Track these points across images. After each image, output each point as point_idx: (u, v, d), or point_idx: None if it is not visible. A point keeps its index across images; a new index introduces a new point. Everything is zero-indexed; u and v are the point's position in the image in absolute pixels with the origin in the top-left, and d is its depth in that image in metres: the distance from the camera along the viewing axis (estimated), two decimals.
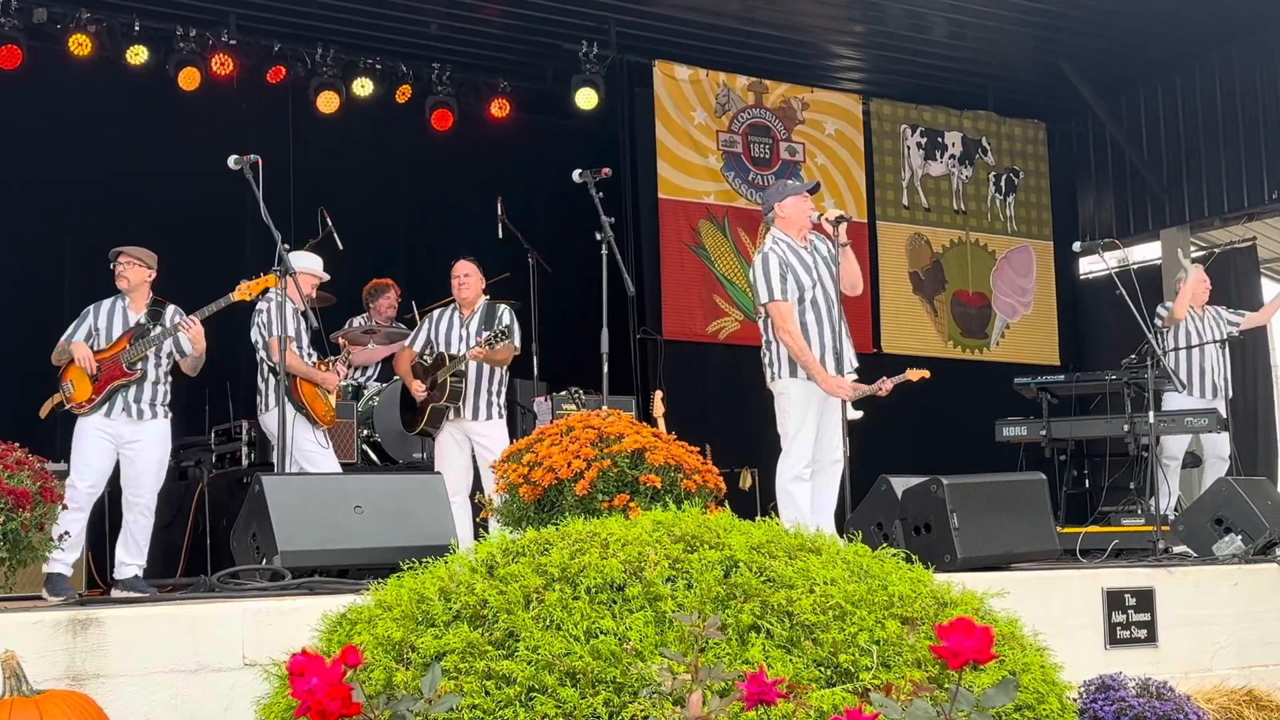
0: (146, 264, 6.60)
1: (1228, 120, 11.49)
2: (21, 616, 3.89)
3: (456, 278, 7.47)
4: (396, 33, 10.10)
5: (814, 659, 2.94)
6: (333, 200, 9.05)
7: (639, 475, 4.94)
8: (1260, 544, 6.44)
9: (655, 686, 2.65)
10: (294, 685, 2.48)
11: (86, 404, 6.37)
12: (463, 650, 2.91)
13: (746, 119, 11.14)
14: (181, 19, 9.51)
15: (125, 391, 6.43)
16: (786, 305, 6.15)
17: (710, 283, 10.82)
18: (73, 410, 6.41)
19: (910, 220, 11.88)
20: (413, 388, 7.35)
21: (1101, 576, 5.66)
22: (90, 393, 6.39)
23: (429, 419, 7.31)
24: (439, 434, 7.40)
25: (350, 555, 5.18)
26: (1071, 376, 9.12)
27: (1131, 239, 12.10)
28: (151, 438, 6.48)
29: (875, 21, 10.72)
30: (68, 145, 9.42)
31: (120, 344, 6.46)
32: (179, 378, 6.73)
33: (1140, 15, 10.46)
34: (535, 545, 3.26)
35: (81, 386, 6.41)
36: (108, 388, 6.40)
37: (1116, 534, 7.56)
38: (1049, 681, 3.21)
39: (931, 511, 5.67)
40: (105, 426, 6.38)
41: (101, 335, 6.49)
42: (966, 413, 10.51)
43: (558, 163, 8.38)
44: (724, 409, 10.05)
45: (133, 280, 6.55)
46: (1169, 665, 5.40)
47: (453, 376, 7.24)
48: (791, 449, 6.20)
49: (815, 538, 3.40)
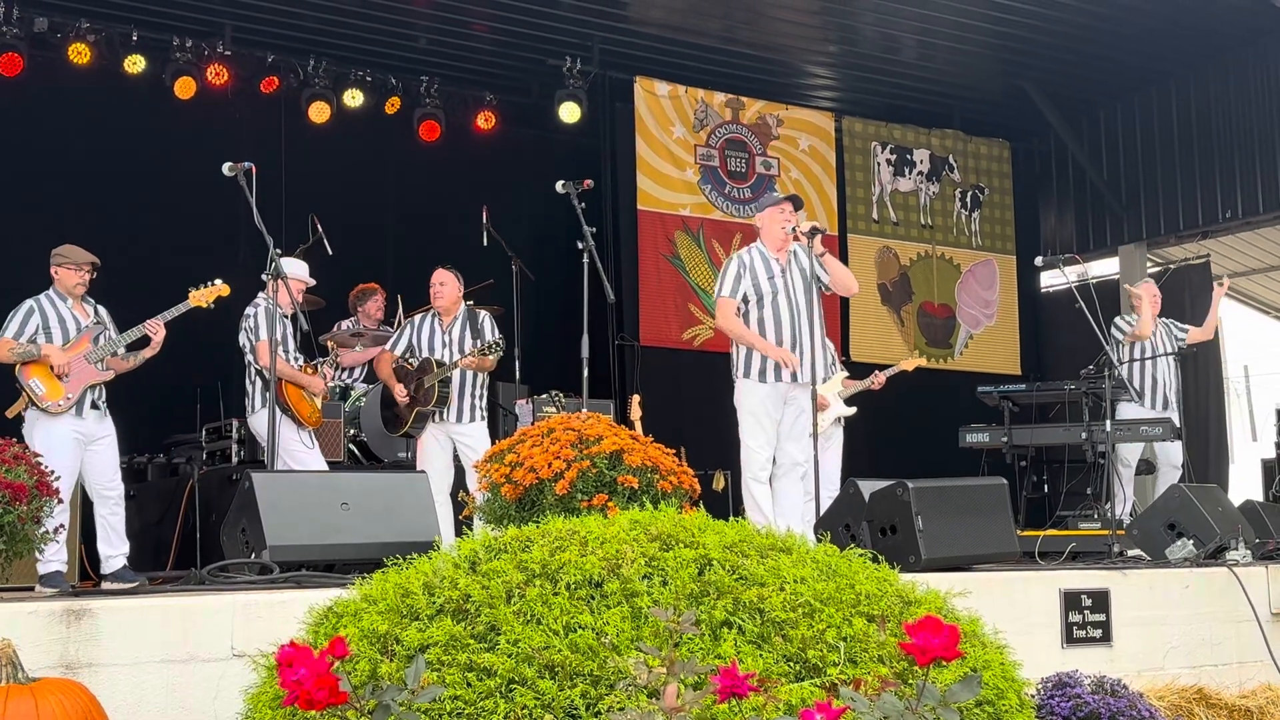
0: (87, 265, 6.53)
1: (1184, 142, 11.72)
2: (17, 606, 3.94)
3: (432, 286, 7.61)
4: (387, 46, 10.22)
5: (784, 654, 2.96)
6: (323, 207, 9.14)
7: (617, 476, 4.98)
8: (1210, 548, 6.52)
9: (631, 679, 2.64)
10: (282, 675, 2.50)
11: (64, 403, 6.26)
12: (445, 643, 2.93)
13: (723, 134, 11.32)
14: (178, 29, 9.58)
15: (92, 390, 6.37)
16: (727, 301, 6.47)
17: (685, 292, 10.99)
18: (47, 410, 6.23)
19: (879, 234, 12.08)
20: (396, 391, 7.44)
21: (1059, 578, 5.72)
22: (63, 392, 6.27)
23: (414, 421, 7.44)
24: (422, 435, 7.50)
25: (337, 550, 5.23)
26: (1032, 386, 9.16)
27: (1091, 254, 12.37)
28: (113, 433, 6.47)
29: (848, 43, 10.93)
30: (66, 151, 9.46)
31: (81, 344, 6.38)
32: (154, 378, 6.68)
33: (1102, 41, 10.72)
34: (517, 542, 3.28)
35: (52, 386, 6.26)
36: (80, 388, 6.31)
37: (1074, 537, 7.51)
38: (1008, 678, 3.26)
39: (897, 514, 5.70)
40: (77, 426, 6.29)
41: (56, 334, 6.37)
42: (931, 420, 10.62)
43: (541, 174, 8.48)
44: (698, 413, 10.01)
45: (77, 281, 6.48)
46: (1123, 664, 5.47)
47: (440, 383, 7.36)
48: (747, 448, 6.39)
49: (786, 538, 3.43)
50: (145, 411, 8.36)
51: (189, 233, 9.44)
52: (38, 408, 6.27)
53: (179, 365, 7.06)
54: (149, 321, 6.53)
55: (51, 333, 6.39)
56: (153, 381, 6.92)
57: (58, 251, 6.56)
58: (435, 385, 7.39)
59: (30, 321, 6.38)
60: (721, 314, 6.55)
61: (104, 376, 6.43)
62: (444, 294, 7.60)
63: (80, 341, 6.41)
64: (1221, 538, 6.62)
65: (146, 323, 6.52)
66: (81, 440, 6.34)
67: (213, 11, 9.60)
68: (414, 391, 7.44)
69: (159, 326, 6.52)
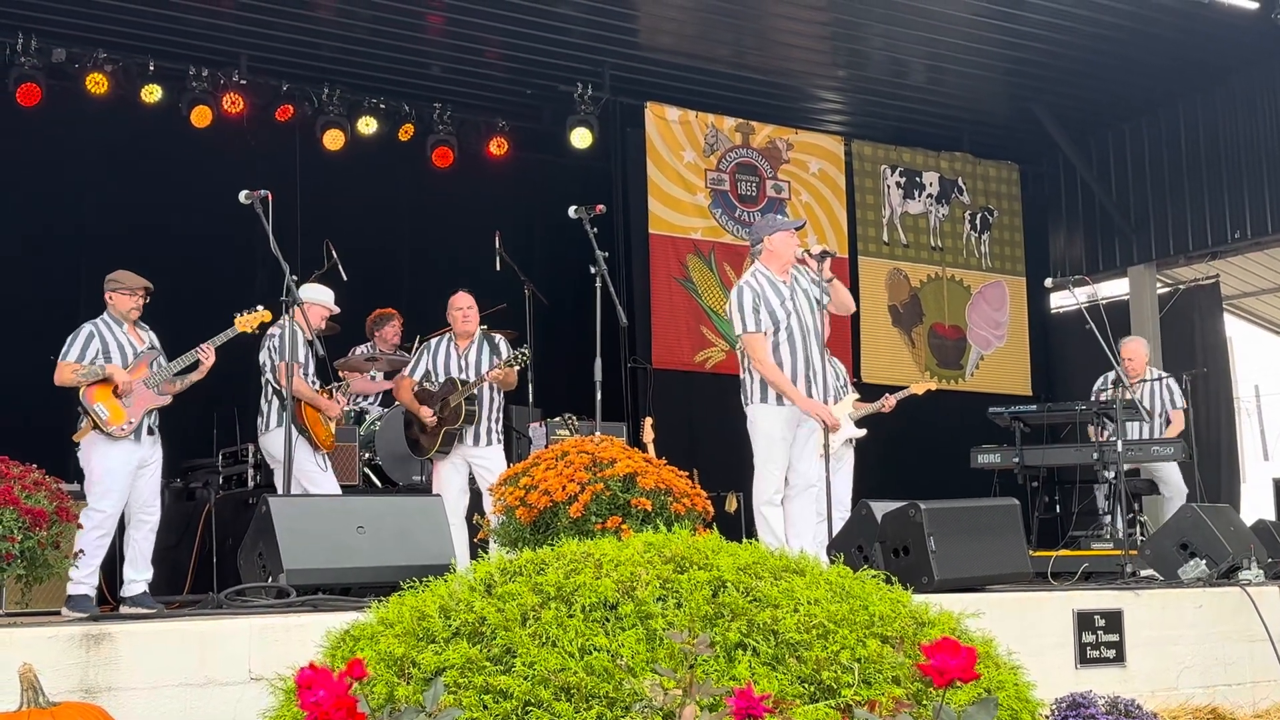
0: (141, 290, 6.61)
1: (1192, 163, 11.75)
2: (38, 631, 3.97)
3: (460, 309, 7.51)
4: (400, 74, 10.32)
5: (798, 676, 2.94)
6: (338, 233, 9.20)
7: (631, 498, 4.98)
8: (1223, 568, 6.51)
9: (647, 701, 2.63)
10: (301, 698, 2.49)
11: (126, 427, 6.32)
12: (462, 666, 2.92)
13: (734, 158, 11.39)
14: (195, 59, 9.70)
15: (149, 416, 6.47)
16: (760, 337, 6.23)
17: (697, 314, 11.03)
18: (111, 434, 6.29)
19: (890, 256, 12.13)
20: (422, 414, 7.37)
21: (1072, 598, 5.69)
22: (125, 416, 6.33)
23: (442, 442, 7.37)
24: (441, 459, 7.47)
25: (353, 574, 5.25)
26: (1043, 406, 9.13)
27: (1100, 275, 12.39)
28: (159, 458, 6.57)
29: (857, 67, 10.99)
30: (84, 180, 9.58)
31: (140, 369, 6.46)
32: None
33: (1110, 63, 10.78)
34: (532, 565, 3.27)
35: (115, 411, 6.33)
36: (141, 412, 6.39)
37: (1086, 557, 7.53)
38: (1022, 699, 3.23)
39: (910, 535, 5.67)
40: (134, 450, 6.37)
41: (115, 358, 6.42)
42: (942, 440, 10.64)
43: (553, 199, 8.49)
44: (710, 435, 10.10)
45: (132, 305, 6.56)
46: (1137, 684, 5.45)
47: (466, 400, 7.33)
48: (761, 474, 6.28)
49: (800, 559, 3.41)
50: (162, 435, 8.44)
51: (206, 260, 9.52)
52: (102, 432, 6.31)
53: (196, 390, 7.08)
54: (201, 346, 6.61)
55: (111, 357, 6.45)
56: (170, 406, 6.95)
57: (112, 277, 6.64)
58: (462, 403, 7.35)
59: (91, 345, 6.43)
60: (756, 352, 6.25)
61: (162, 401, 6.51)
62: (472, 317, 7.54)
63: (139, 366, 6.49)
64: (1234, 557, 6.61)
65: (199, 347, 6.60)
66: (136, 464, 6.40)
67: (228, 41, 9.71)
68: (439, 412, 7.39)
69: (210, 351, 6.60)
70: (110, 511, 6.27)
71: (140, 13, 9.22)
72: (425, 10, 9.54)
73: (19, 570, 4.51)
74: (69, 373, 6.35)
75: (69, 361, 6.38)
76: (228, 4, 9.26)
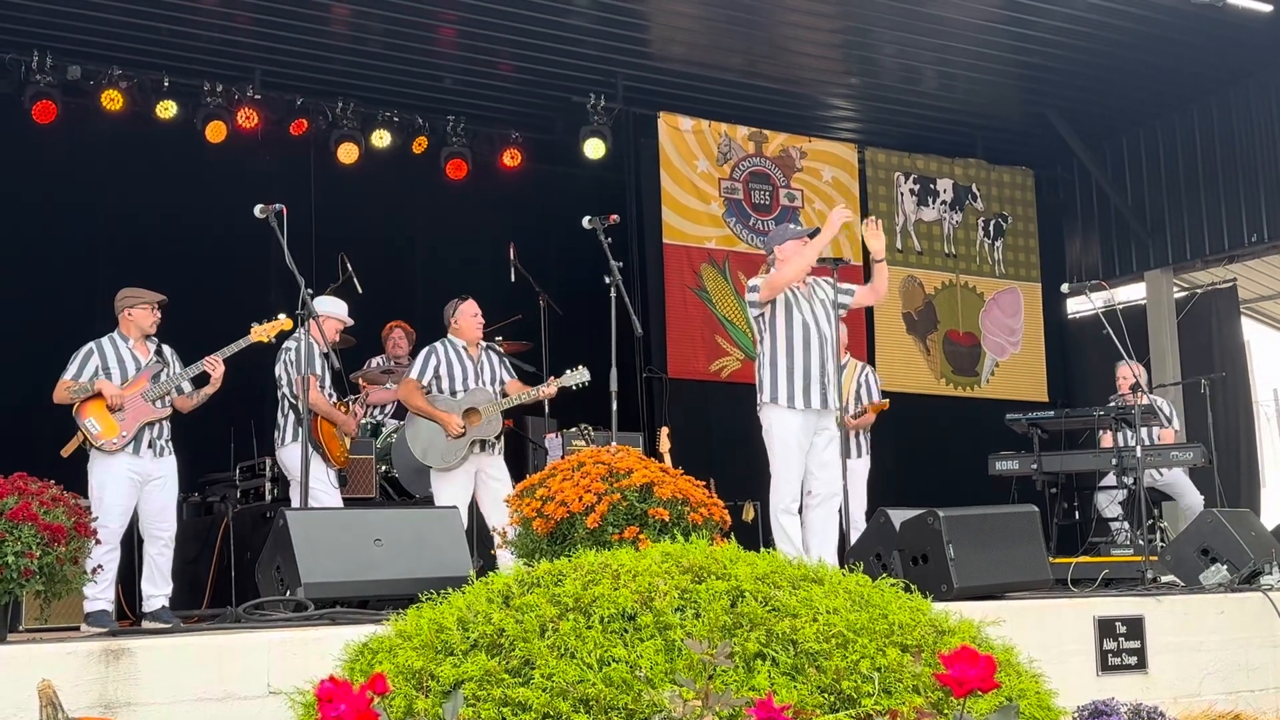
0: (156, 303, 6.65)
1: (1208, 166, 11.71)
2: (58, 647, 3.98)
3: (476, 316, 7.46)
4: (413, 87, 10.35)
5: (818, 685, 2.94)
6: (352, 246, 9.24)
7: (648, 509, 4.98)
8: (1245, 573, 6.51)
9: (667, 712, 2.64)
10: (322, 711, 2.49)
11: (118, 441, 6.32)
12: (480, 678, 2.93)
13: (747, 167, 11.40)
14: (209, 75, 9.74)
15: (150, 429, 6.44)
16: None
17: (712, 324, 11.04)
18: (102, 449, 6.31)
19: (904, 263, 12.09)
20: (450, 422, 7.13)
21: (1093, 605, 5.70)
22: (118, 430, 6.32)
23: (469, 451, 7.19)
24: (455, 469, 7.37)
25: (371, 587, 5.24)
26: (1061, 412, 9.11)
27: (1117, 280, 12.32)
28: (171, 473, 6.55)
29: (870, 74, 11.01)
30: (99, 196, 9.61)
31: (139, 382, 6.45)
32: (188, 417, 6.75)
33: (1122, 67, 10.76)
34: (550, 576, 3.28)
35: (107, 425, 6.32)
36: (136, 425, 6.38)
37: (1106, 564, 7.49)
38: (1044, 707, 3.24)
39: (928, 543, 5.68)
40: (133, 465, 6.36)
41: (115, 374, 6.44)
42: (960, 448, 10.65)
43: (567, 210, 8.53)
44: (726, 444, 10.10)
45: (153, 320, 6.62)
46: (1159, 690, 5.47)
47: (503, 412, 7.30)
48: (778, 481, 6.32)
49: (818, 568, 3.42)
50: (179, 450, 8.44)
51: (221, 274, 9.53)
52: (94, 447, 6.33)
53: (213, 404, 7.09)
54: (208, 358, 6.61)
55: (110, 373, 6.47)
56: (187, 420, 6.97)
57: (128, 294, 6.68)
58: (498, 414, 7.30)
59: (89, 362, 6.48)
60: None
61: (160, 414, 6.50)
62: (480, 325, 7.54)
63: (139, 380, 6.49)
64: (1255, 562, 6.60)
65: (205, 359, 6.60)
66: (137, 480, 6.40)
67: (242, 56, 9.75)
68: (468, 422, 7.26)
69: (217, 363, 6.60)
70: (111, 525, 6.19)
71: (154, 29, 9.28)
72: (438, 23, 9.57)
73: (38, 586, 4.49)
74: (63, 390, 6.42)
75: (65, 379, 6.45)
76: (241, 20, 9.32)
